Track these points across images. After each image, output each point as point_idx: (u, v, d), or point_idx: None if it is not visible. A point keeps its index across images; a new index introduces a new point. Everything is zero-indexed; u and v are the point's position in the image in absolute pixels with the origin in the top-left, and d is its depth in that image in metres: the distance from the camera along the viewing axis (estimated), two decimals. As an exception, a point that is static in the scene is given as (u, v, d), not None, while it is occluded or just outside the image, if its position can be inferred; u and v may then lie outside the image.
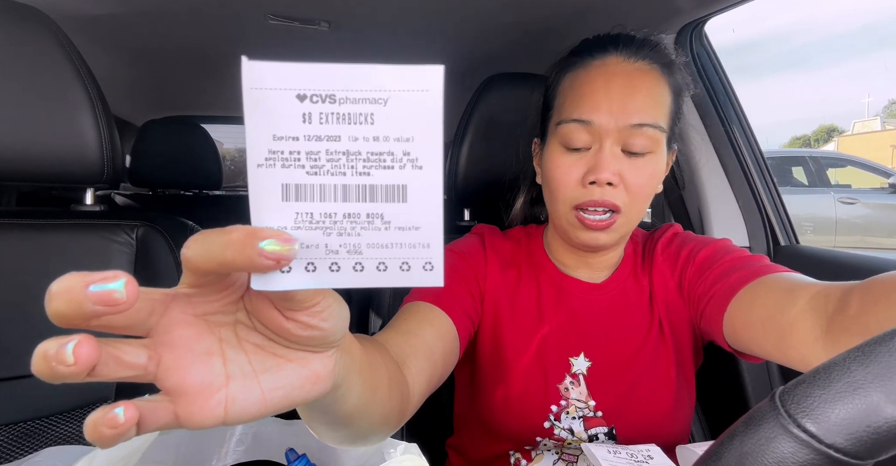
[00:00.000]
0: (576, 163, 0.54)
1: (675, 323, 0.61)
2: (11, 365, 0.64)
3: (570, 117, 0.54)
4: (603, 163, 0.52)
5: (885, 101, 37.89)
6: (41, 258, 0.68)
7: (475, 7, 0.95)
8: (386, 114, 0.21)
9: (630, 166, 0.53)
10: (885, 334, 0.20)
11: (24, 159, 0.66)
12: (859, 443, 0.18)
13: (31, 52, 0.64)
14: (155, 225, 0.73)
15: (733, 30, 2.03)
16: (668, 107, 0.55)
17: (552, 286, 0.63)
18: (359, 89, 0.21)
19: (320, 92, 0.21)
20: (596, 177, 0.52)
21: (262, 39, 1.16)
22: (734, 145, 0.97)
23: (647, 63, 0.55)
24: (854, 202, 5.15)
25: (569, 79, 0.57)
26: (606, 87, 0.53)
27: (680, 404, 0.59)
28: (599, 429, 0.58)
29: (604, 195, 0.52)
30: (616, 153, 0.53)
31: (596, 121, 0.53)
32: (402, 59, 1.10)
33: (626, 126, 0.52)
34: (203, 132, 1.63)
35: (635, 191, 0.53)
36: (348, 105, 0.21)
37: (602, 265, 0.63)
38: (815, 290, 0.44)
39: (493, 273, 0.62)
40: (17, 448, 0.63)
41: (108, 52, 1.23)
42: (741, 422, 0.21)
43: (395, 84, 0.21)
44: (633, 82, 0.53)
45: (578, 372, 0.59)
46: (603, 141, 0.53)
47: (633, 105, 0.52)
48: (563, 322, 0.61)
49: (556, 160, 0.56)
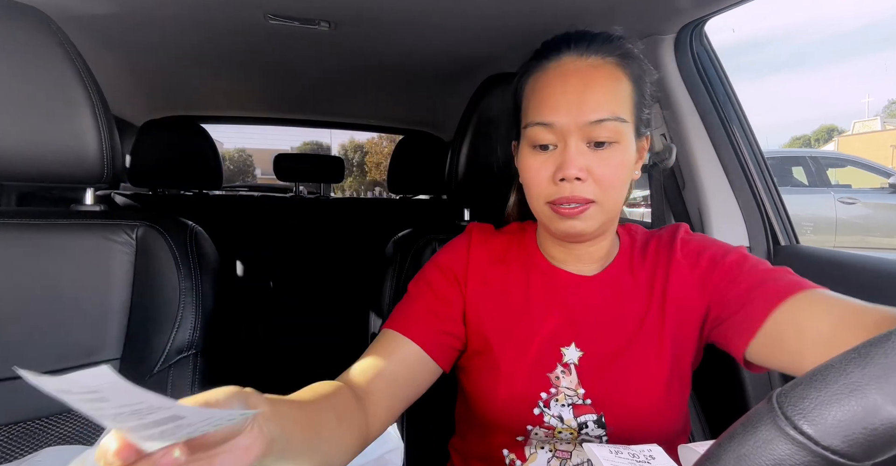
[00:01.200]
0: (545, 163, 0.57)
1: (682, 321, 0.61)
2: (11, 365, 0.64)
3: (534, 121, 0.57)
4: (569, 161, 0.55)
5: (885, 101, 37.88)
6: (41, 258, 0.68)
7: (475, 7, 0.95)
8: None
9: (596, 159, 0.55)
10: (882, 336, 0.20)
11: (24, 159, 0.66)
12: (856, 445, 0.18)
13: (31, 52, 0.64)
14: (155, 225, 0.73)
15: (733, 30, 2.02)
16: (628, 97, 0.57)
17: (543, 278, 0.64)
18: None
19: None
20: (564, 174, 0.55)
21: (262, 39, 1.16)
22: (734, 145, 0.97)
23: (601, 57, 0.57)
24: (854, 202, 5.15)
25: (530, 83, 0.60)
26: (563, 88, 0.56)
27: (671, 397, 0.59)
28: (588, 417, 0.59)
29: (574, 191, 0.55)
30: (581, 149, 0.56)
31: (557, 122, 0.55)
32: (402, 59, 1.10)
33: (586, 123, 0.55)
34: (203, 132, 1.63)
35: (605, 183, 0.56)
36: None
37: (590, 257, 0.65)
38: (878, 316, 0.46)
39: (476, 273, 0.65)
40: (17, 448, 0.63)
41: (107, 51, 1.23)
42: (739, 424, 0.21)
43: None
44: (587, 79, 0.56)
45: (570, 362, 0.60)
46: (567, 139, 0.55)
47: (591, 103, 0.55)
48: (555, 313, 0.62)
49: (527, 161, 0.59)
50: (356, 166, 25.57)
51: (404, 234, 0.91)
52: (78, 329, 0.68)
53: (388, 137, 16.55)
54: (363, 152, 25.31)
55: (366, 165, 24.95)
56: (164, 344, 0.68)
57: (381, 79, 1.50)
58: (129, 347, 0.69)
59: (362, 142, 25.37)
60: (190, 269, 0.71)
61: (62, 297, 0.68)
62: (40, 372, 0.21)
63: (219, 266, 0.78)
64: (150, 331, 0.69)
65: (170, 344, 0.68)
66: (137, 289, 0.71)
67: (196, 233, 0.76)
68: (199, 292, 0.71)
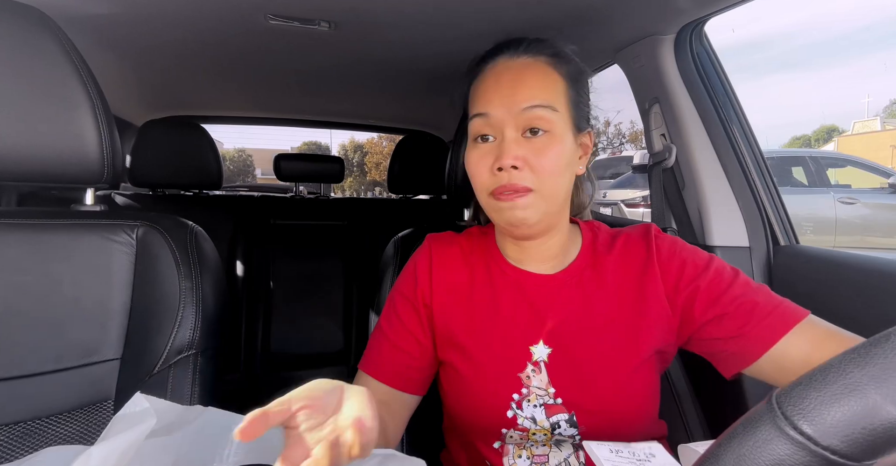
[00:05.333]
0: (485, 154, 0.60)
1: (654, 321, 0.61)
2: (11, 365, 0.64)
3: (473, 113, 0.61)
4: (505, 150, 0.57)
5: (886, 101, 37.87)
6: (41, 258, 0.68)
7: (475, 8, 0.95)
8: None
9: (531, 149, 0.58)
10: (882, 336, 0.20)
11: (25, 159, 0.66)
12: (855, 445, 0.18)
13: (31, 52, 0.64)
14: (155, 225, 0.73)
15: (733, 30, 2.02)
16: (561, 91, 0.60)
17: (506, 279, 0.65)
18: None
19: None
20: (501, 163, 0.57)
21: (262, 39, 1.16)
22: (734, 145, 0.97)
23: (532, 56, 0.61)
24: (854, 202, 5.15)
25: (473, 86, 0.64)
26: (497, 83, 0.60)
27: (641, 396, 0.60)
28: (560, 416, 0.59)
29: (511, 179, 0.57)
30: (516, 138, 0.58)
31: (491, 112, 0.59)
32: (402, 59, 1.10)
33: (518, 111, 0.58)
34: (203, 132, 1.63)
35: (540, 171, 0.58)
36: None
37: (546, 255, 0.65)
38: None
39: (441, 283, 0.67)
40: (17, 448, 0.63)
41: (108, 51, 1.23)
42: (739, 424, 0.21)
43: None
44: (519, 74, 0.60)
45: (539, 360, 0.61)
46: (504, 130, 0.59)
47: (522, 92, 0.58)
48: (521, 312, 0.63)
49: (469, 154, 0.62)
50: (356, 166, 25.57)
51: (404, 234, 0.91)
52: (78, 329, 0.68)
53: (388, 137, 16.55)
54: (363, 152, 25.31)
55: (366, 165, 24.95)
56: (164, 344, 0.68)
57: (381, 79, 1.50)
58: (129, 347, 0.69)
59: (362, 142, 25.38)
60: (190, 269, 0.71)
61: (62, 297, 0.68)
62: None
63: (219, 266, 0.78)
64: (150, 331, 0.69)
65: (170, 344, 0.68)
66: (137, 289, 0.71)
67: (196, 232, 0.76)
68: (199, 292, 0.71)
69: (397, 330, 0.66)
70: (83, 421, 0.66)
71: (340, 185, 9.53)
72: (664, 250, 0.64)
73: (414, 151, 1.86)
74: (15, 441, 0.63)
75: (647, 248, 0.64)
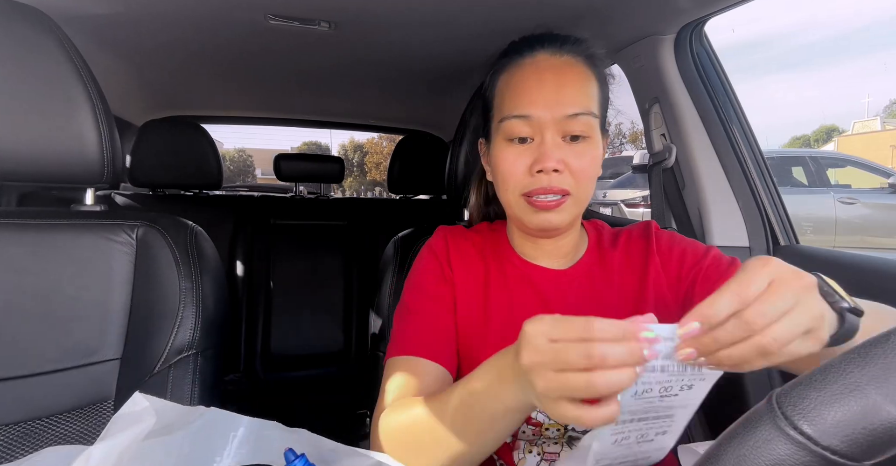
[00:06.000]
0: (522, 155, 0.59)
1: (658, 312, 0.61)
2: (11, 365, 0.64)
3: (512, 114, 0.59)
4: (547, 153, 0.56)
5: (886, 101, 37.88)
6: (41, 258, 0.68)
7: (475, 8, 0.95)
8: None
9: (572, 152, 0.57)
10: (882, 336, 0.20)
11: (25, 159, 0.66)
12: (855, 445, 0.18)
13: (31, 52, 0.64)
14: (155, 225, 0.73)
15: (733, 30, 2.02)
16: (596, 94, 0.60)
17: (519, 274, 0.66)
18: None
19: None
20: (543, 166, 0.56)
21: (263, 39, 1.16)
22: (734, 145, 0.97)
23: (573, 56, 0.60)
24: (854, 202, 5.15)
25: (504, 79, 0.62)
26: (539, 82, 0.58)
27: None
28: None
29: (551, 182, 0.57)
30: (558, 142, 0.58)
31: (534, 114, 0.57)
32: (401, 59, 1.10)
33: (563, 117, 0.57)
34: (203, 132, 1.63)
35: (579, 175, 0.58)
36: None
37: (560, 252, 0.66)
38: None
39: (459, 275, 0.66)
40: (17, 448, 0.63)
41: (108, 51, 1.23)
42: (739, 424, 0.21)
43: None
44: (562, 75, 0.58)
45: None
46: (544, 132, 0.57)
47: (566, 97, 0.57)
48: (535, 307, 0.63)
49: (503, 153, 0.60)
50: (356, 166, 25.57)
51: (404, 234, 0.91)
52: (78, 329, 0.68)
53: (388, 137, 16.54)
54: (363, 152, 25.31)
55: (366, 165, 24.95)
56: (164, 344, 0.68)
57: (382, 80, 1.50)
58: (129, 347, 0.69)
59: (362, 142, 25.38)
60: (190, 269, 0.71)
61: (62, 297, 0.68)
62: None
63: (219, 266, 0.78)
64: (150, 331, 0.69)
65: (170, 344, 0.68)
66: (137, 289, 0.71)
67: (196, 233, 0.76)
68: (199, 292, 0.71)
69: (430, 309, 0.63)
70: (83, 421, 0.66)
71: (340, 185, 9.54)
72: (664, 243, 0.65)
73: (414, 151, 1.86)
74: (15, 441, 0.63)
75: (647, 243, 0.65)
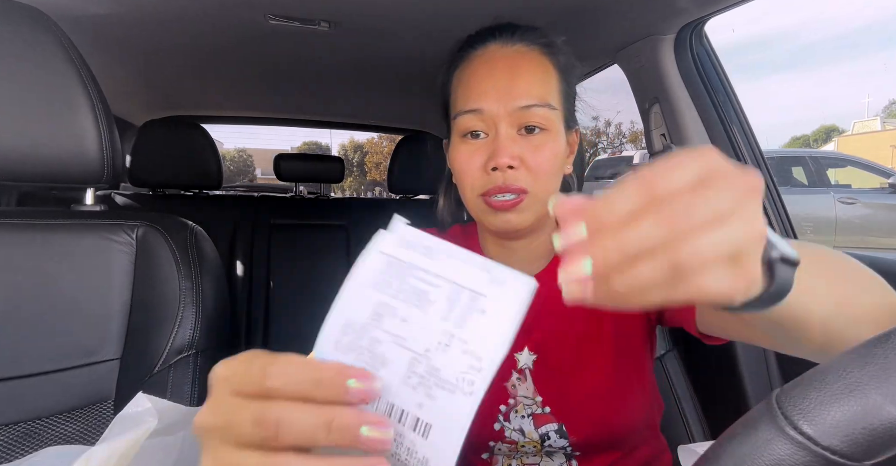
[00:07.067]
0: (476, 151, 0.55)
1: (627, 314, 0.58)
2: (11, 365, 0.64)
3: (464, 109, 0.55)
4: (500, 148, 0.53)
5: (886, 101, 37.90)
6: (41, 258, 0.68)
7: (476, 7, 0.95)
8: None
9: (528, 147, 0.54)
10: (882, 336, 0.20)
11: (25, 159, 0.66)
12: (856, 445, 0.18)
13: (31, 52, 0.64)
14: (155, 225, 0.73)
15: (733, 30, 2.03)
16: (555, 85, 0.56)
17: None
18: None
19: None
20: (496, 163, 0.53)
21: (263, 39, 1.16)
22: (734, 145, 0.97)
23: (526, 45, 0.57)
24: (854, 202, 5.16)
25: (457, 75, 0.59)
26: (490, 74, 0.55)
27: (630, 395, 0.57)
28: (549, 426, 0.56)
29: (507, 180, 0.53)
30: (512, 136, 0.54)
31: (486, 108, 0.54)
32: (402, 59, 1.09)
33: (515, 108, 0.53)
34: (203, 132, 1.63)
35: (537, 171, 0.54)
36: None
37: (533, 254, 0.62)
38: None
39: None
40: (17, 448, 0.63)
41: (108, 51, 1.23)
42: (739, 424, 0.21)
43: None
44: (514, 65, 0.55)
45: (524, 368, 0.58)
46: (497, 126, 0.54)
47: (519, 88, 0.53)
48: None
49: (457, 150, 0.57)
50: (356, 166, 25.57)
51: (404, 234, 0.91)
52: (78, 329, 0.68)
53: (388, 137, 16.54)
54: (363, 152, 25.31)
55: (366, 165, 24.95)
56: (164, 344, 0.68)
57: (382, 79, 1.50)
58: (129, 347, 0.69)
59: (362, 142, 25.38)
60: (190, 269, 0.71)
61: (62, 297, 0.68)
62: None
63: (219, 266, 0.78)
64: (150, 331, 0.69)
65: (170, 344, 0.68)
66: (137, 289, 0.71)
67: (196, 232, 0.76)
68: (199, 292, 0.71)
69: None
70: (83, 421, 0.66)
71: (340, 185, 9.53)
72: None
73: (414, 151, 1.86)
74: (15, 441, 0.63)
75: None
